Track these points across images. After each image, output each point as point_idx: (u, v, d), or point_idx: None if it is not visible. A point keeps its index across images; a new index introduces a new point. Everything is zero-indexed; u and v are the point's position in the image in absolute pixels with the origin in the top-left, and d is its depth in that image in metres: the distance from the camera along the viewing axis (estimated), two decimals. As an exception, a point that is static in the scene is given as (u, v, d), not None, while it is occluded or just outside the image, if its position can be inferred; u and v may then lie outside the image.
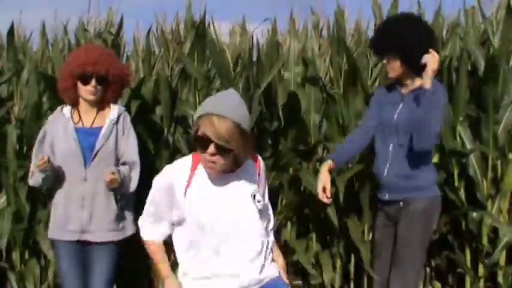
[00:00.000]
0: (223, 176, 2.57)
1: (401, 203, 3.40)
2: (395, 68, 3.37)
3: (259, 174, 2.67)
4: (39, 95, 4.45)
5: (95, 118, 3.49)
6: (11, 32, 4.76)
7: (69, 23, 4.90)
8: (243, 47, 4.43)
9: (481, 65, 4.27)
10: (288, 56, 4.53)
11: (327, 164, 3.48)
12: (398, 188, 3.41)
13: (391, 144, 3.42)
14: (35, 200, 4.39)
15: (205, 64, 4.39)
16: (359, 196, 4.22)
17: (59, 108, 3.57)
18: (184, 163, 2.62)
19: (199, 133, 2.46)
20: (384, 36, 3.41)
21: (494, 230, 4.23)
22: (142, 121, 4.30)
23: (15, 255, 4.51)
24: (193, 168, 2.59)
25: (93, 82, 3.42)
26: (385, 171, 3.44)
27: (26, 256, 4.49)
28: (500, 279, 4.25)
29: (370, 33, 4.56)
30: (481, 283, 4.22)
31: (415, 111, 3.28)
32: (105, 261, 3.47)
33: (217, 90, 4.51)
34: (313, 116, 4.36)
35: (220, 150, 2.44)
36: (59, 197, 3.46)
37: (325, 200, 3.44)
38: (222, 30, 4.52)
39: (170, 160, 4.31)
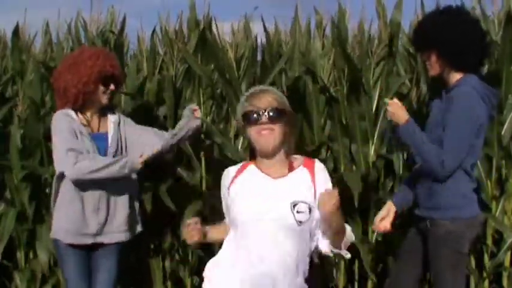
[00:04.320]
0: (268, 180, 2.60)
1: (427, 223, 3.22)
2: (432, 63, 3.24)
3: (313, 181, 2.61)
4: (41, 94, 4.46)
5: (99, 123, 3.50)
6: (15, 32, 4.77)
7: (72, 22, 4.89)
8: (246, 46, 4.42)
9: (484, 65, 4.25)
10: (291, 55, 4.53)
11: None
12: (423, 205, 3.25)
13: None
14: (39, 200, 4.40)
15: (209, 63, 4.40)
16: (363, 197, 4.22)
17: (65, 111, 3.44)
18: (234, 167, 2.72)
19: (247, 110, 2.58)
20: (419, 30, 3.32)
21: (499, 231, 4.21)
22: (146, 121, 4.30)
23: (20, 255, 4.52)
24: (240, 170, 2.67)
25: (112, 86, 3.46)
26: (418, 184, 3.30)
27: (31, 256, 4.51)
28: (504, 280, 4.24)
29: (373, 33, 4.55)
30: (486, 284, 4.21)
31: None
32: (113, 261, 3.49)
33: (222, 90, 4.51)
34: (317, 117, 4.35)
35: (274, 118, 2.55)
36: (73, 200, 3.39)
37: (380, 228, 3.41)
38: (225, 29, 4.52)
39: (175, 160, 4.32)
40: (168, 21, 4.65)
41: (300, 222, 2.52)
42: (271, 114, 2.55)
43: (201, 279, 4.63)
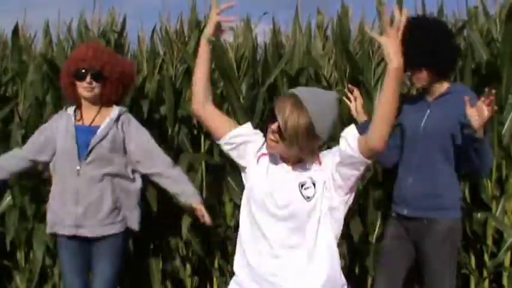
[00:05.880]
0: (282, 163, 2.53)
1: (425, 221, 3.28)
2: (421, 78, 3.29)
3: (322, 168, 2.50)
4: (42, 94, 4.47)
5: (95, 116, 3.51)
6: (15, 32, 4.77)
7: (72, 22, 4.90)
8: (247, 46, 4.42)
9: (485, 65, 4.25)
10: (292, 55, 4.52)
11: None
12: (421, 206, 3.30)
13: (418, 155, 3.31)
14: (40, 199, 4.40)
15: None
16: (363, 197, 4.22)
17: (63, 108, 3.63)
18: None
19: (275, 110, 2.44)
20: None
21: (499, 231, 4.21)
22: (146, 121, 4.30)
23: (20, 255, 4.52)
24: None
25: (88, 78, 3.44)
26: (408, 184, 3.33)
27: (30, 255, 4.51)
28: (504, 280, 4.24)
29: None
30: (486, 284, 4.21)
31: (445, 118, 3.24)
32: (107, 257, 3.49)
33: (222, 90, 4.51)
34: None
35: (278, 134, 2.42)
36: (55, 192, 3.52)
37: None
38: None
39: (175, 160, 4.31)
40: (169, 21, 4.65)
41: (308, 197, 2.46)
42: (277, 128, 2.42)
43: (201, 279, 4.65)
